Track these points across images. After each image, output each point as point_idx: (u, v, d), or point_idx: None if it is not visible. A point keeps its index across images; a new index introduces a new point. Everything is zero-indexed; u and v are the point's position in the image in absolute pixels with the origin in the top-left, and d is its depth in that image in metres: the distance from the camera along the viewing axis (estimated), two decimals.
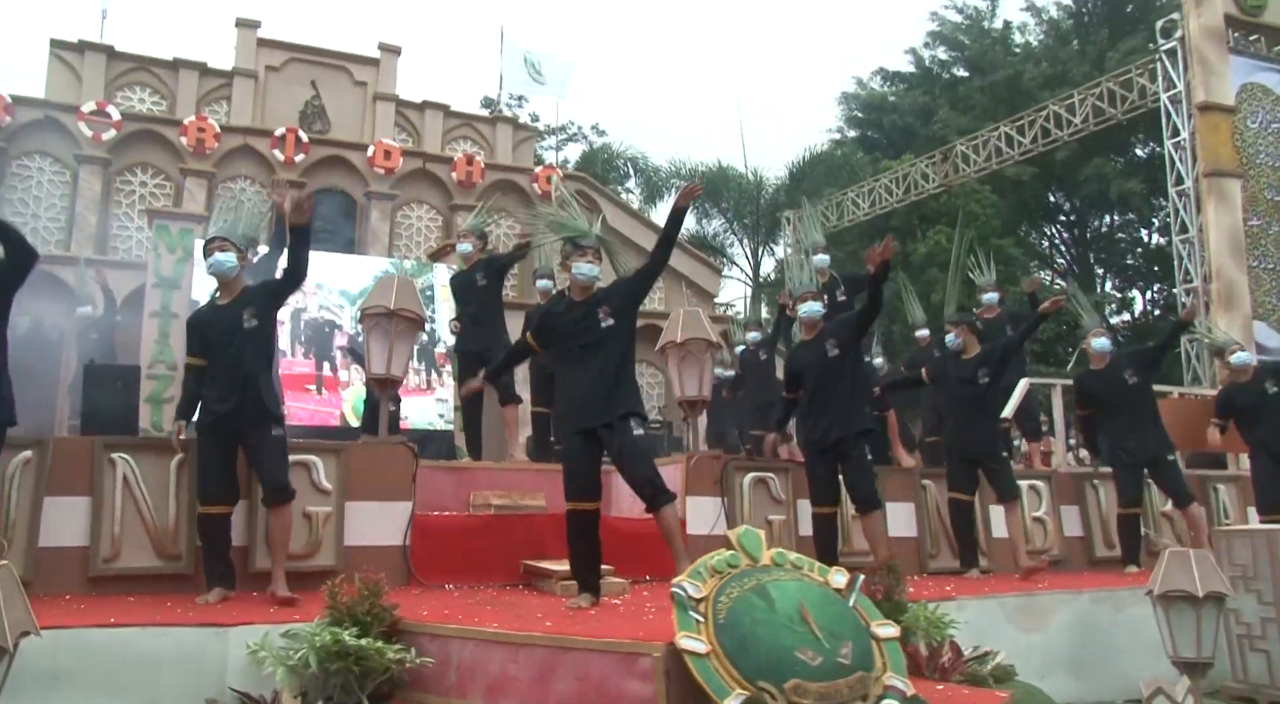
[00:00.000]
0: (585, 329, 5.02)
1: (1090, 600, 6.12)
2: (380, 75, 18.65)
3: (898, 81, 36.28)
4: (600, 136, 33.27)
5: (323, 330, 13.42)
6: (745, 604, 3.50)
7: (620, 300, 5.09)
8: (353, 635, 3.89)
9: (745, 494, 6.52)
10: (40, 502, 4.81)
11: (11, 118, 14.62)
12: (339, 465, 5.48)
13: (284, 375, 13.77)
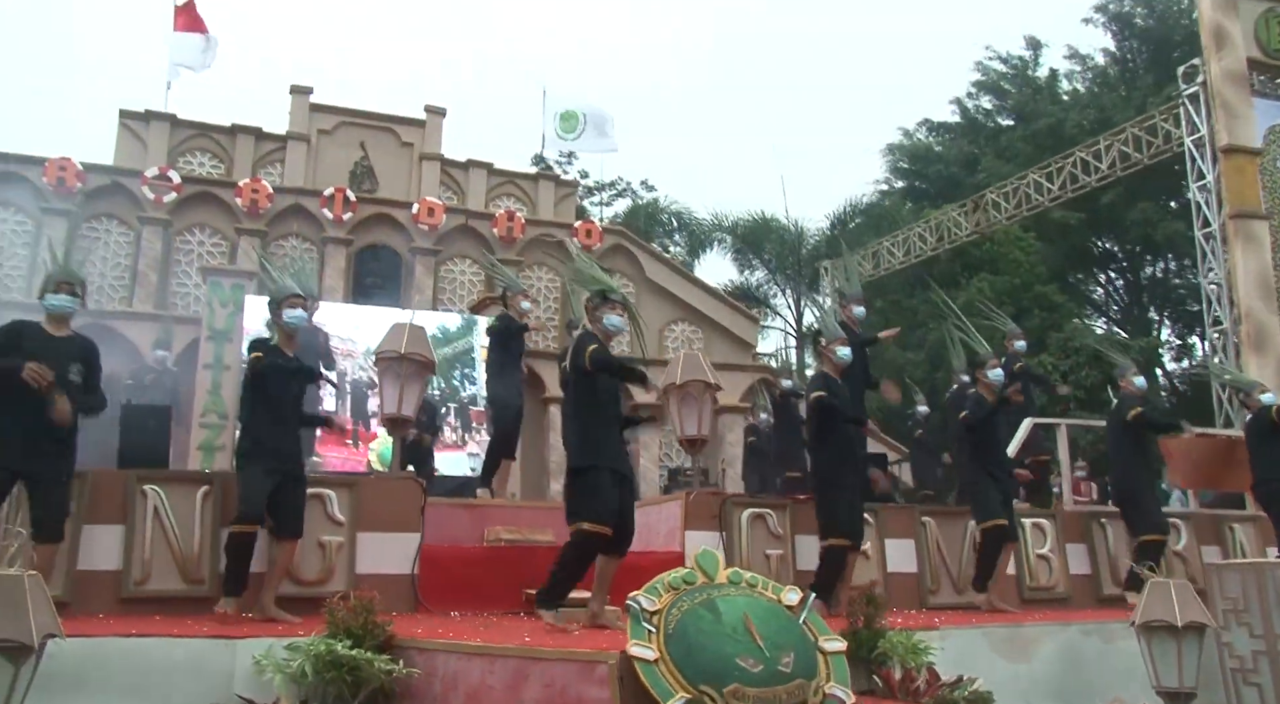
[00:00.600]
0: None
1: (1079, 632, 6.27)
2: (426, 136, 19.45)
3: (943, 132, 36.61)
4: (649, 191, 33.99)
5: (362, 390, 13.97)
6: (693, 616, 3.80)
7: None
8: (345, 647, 4.26)
9: (744, 529, 6.79)
10: (79, 528, 5.29)
11: (83, 184, 15.56)
12: (351, 498, 5.90)
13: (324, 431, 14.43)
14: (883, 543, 7.22)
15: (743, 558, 6.68)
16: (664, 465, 16.72)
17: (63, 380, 4.95)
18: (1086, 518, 8.20)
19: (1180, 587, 5.73)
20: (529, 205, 20.11)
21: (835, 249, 25.07)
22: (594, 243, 18.84)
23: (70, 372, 5.04)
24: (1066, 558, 7.90)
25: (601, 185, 34.90)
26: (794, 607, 4.10)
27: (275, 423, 5.40)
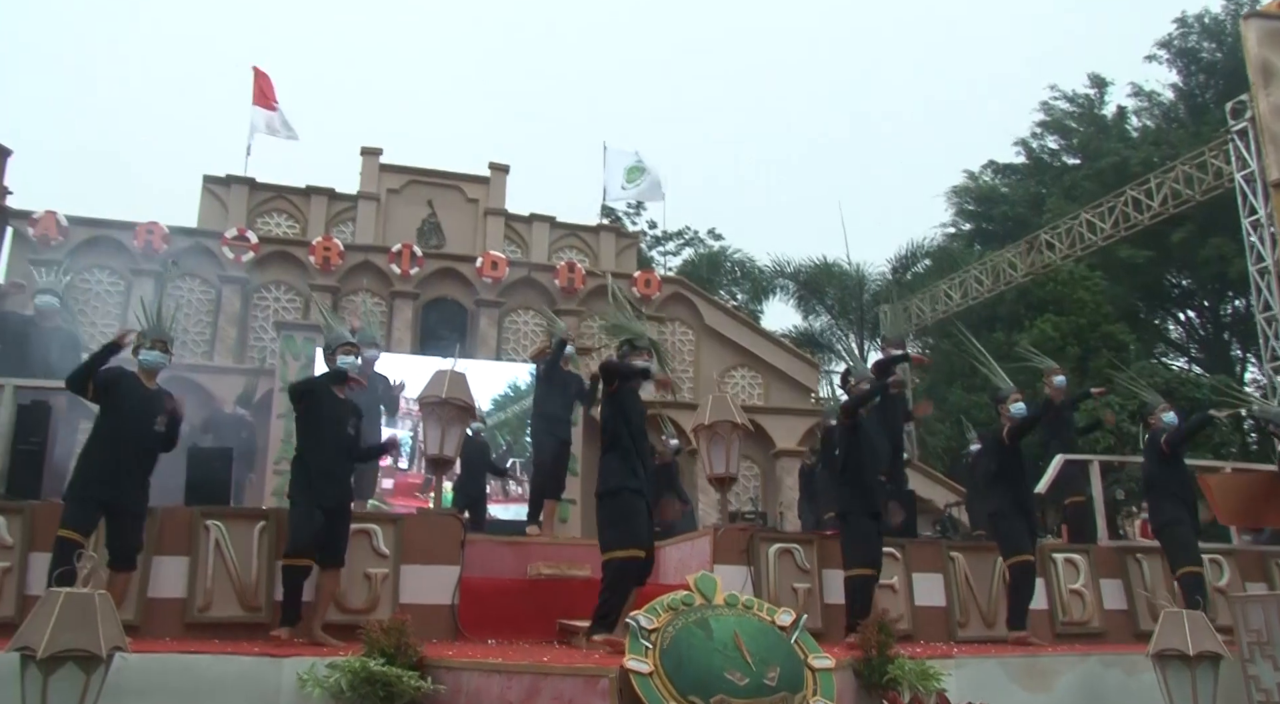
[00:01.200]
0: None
1: (1100, 663, 6.39)
2: (490, 192, 20.19)
3: (1008, 173, 36.55)
4: (716, 240, 34.48)
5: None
6: (686, 633, 4.14)
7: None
8: (379, 665, 4.67)
9: (771, 563, 7.07)
10: (150, 559, 5.82)
11: (169, 246, 16.56)
12: (395, 533, 6.35)
13: (399, 481, 14.97)
14: (910, 577, 7.42)
15: (770, 591, 6.96)
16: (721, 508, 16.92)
17: (150, 429, 5.54)
18: (1121, 553, 8.27)
19: (1194, 617, 5.86)
20: (591, 257, 20.66)
21: (897, 293, 25.23)
22: (653, 292, 19.30)
23: (155, 422, 5.62)
24: (1101, 593, 7.97)
25: (669, 235, 35.58)
26: (786, 627, 4.40)
27: (324, 461, 5.89)
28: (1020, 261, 17.62)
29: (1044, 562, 7.87)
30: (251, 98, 19.29)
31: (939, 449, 23.99)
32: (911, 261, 26.34)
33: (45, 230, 16.11)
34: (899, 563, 7.42)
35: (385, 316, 17.70)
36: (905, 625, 7.24)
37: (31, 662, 3.99)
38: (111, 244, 16.45)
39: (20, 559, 5.76)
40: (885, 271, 26.50)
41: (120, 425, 5.57)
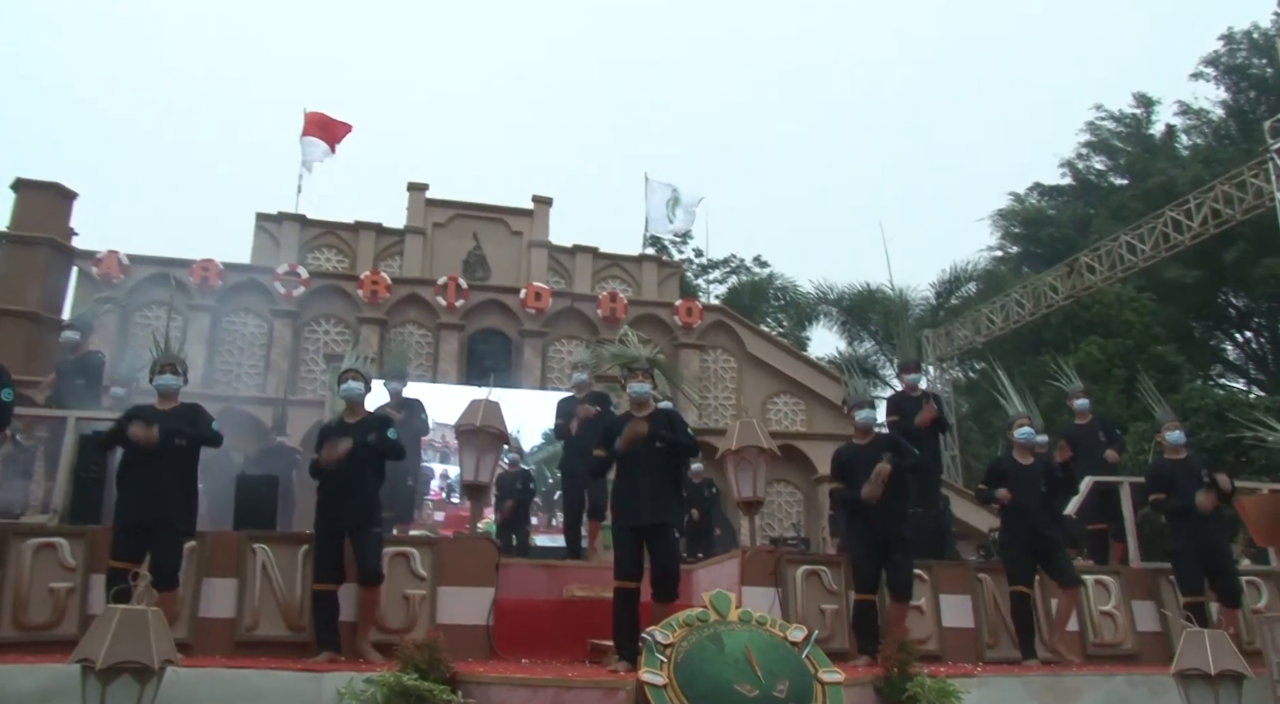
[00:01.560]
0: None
1: (1126, 683, 6.46)
2: (534, 224, 20.59)
3: (1055, 195, 36.35)
4: (763, 268, 34.68)
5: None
6: (699, 648, 4.34)
7: (665, 431, 6.11)
8: (412, 680, 4.92)
9: (799, 585, 7.23)
10: (201, 581, 6.15)
11: (223, 282, 17.17)
12: (432, 556, 6.62)
13: (450, 514, 15.26)
14: (937, 599, 7.52)
15: (798, 611, 7.10)
16: (765, 534, 17.03)
17: (169, 444, 5.87)
18: (1153, 575, 8.29)
19: (1215, 635, 5.92)
20: (634, 286, 20.97)
21: (938, 318, 25.21)
22: (694, 320, 19.56)
23: (175, 438, 5.94)
24: (1133, 614, 7.99)
25: (715, 263, 35.85)
26: (798, 643, 4.59)
27: (333, 486, 6.17)
28: (1061, 284, 17.57)
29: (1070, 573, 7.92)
30: (301, 133, 19.91)
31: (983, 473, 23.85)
32: (955, 286, 26.29)
33: (108, 269, 16.79)
34: (926, 585, 7.52)
35: (432, 348, 18.14)
36: (933, 646, 7.34)
37: (91, 672, 4.30)
38: (170, 281, 17.09)
39: (82, 580, 6.12)
40: (929, 296, 26.45)
41: (140, 454, 5.89)
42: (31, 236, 16.66)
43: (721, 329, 20.09)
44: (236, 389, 16.49)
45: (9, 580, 6.07)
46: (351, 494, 6.18)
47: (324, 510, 6.22)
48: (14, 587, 6.06)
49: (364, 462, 6.34)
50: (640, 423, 6.07)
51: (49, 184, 17.29)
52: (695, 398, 8.17)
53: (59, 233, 17.14)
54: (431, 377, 17.71)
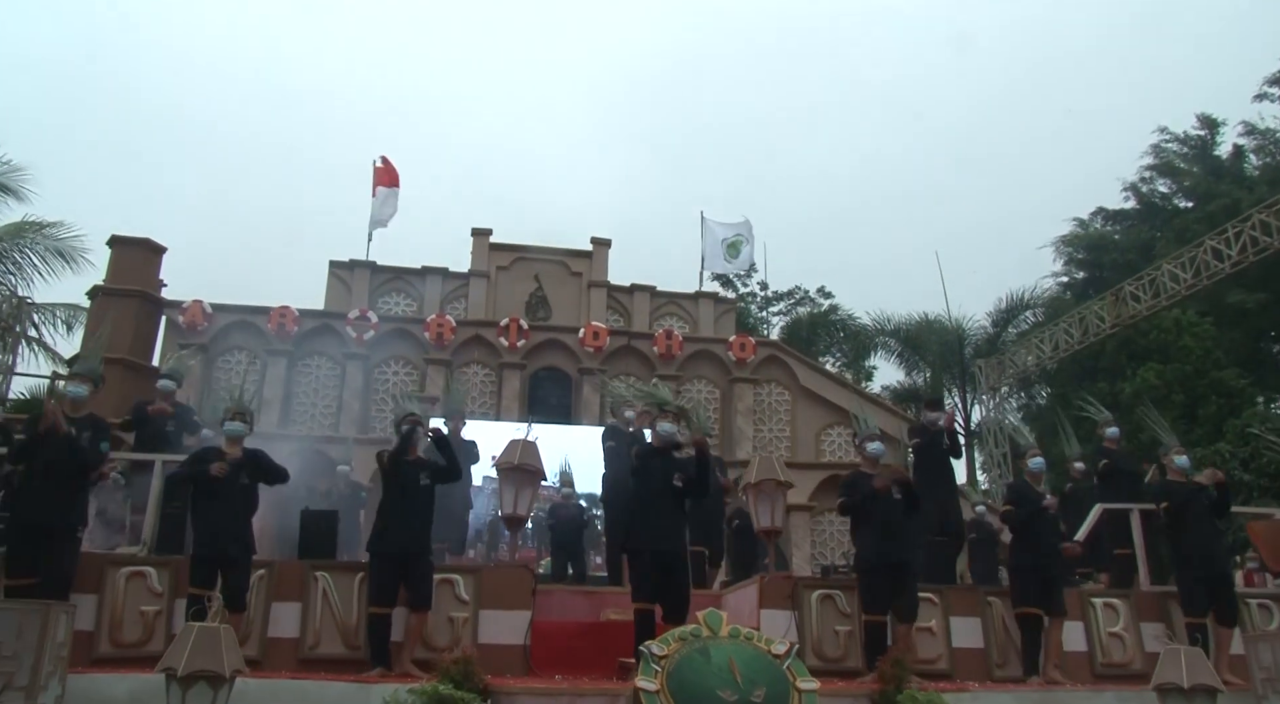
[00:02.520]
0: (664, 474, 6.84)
1: (1115, 698, 6.88)
2: (593, 265, 21.46)
3: (1119, 219, 36.14)
4: (826, 298, 35.10)
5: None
6: (689, 659, 4.97)
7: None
8: (448, 689, 5.61)
9: (814, 608, 7.77)
10: (270, 605, 6.95)
11: (298, 327, 18.29)
12: (475, 582, 7.33)
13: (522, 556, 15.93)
14: (947, 620, 7.99)
15: (813, 633, 7.66)
16: (816, 562, 17.45)
17: (233, 484, 6.69)
18: (1163, 597, 8.61)
19: (1190, 653, 6.34)
20: (691, 323, 21.67)
21: (996, 347, 25.39)
22: (748, 355, 20.11)
23: (241, 477, 6.76)
24: (1141, 636, 8.34)
25: (780, 295, 36.35)
26: (780, 655, 5.17)
27: (395, 516, 6.93)
28: (1107, 313, 17.77)
29: (1083, 606, 8.33)
30: (373, 187, 21.12)
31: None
32: (1012, 315, 26.43)
33: (193, 317, 18.03)
34: (937, 607, 8.00)
35: (495, 386, 19.01)
36: (944, 665, 7.80)
37: (173, 680, 5.08)
38: (249, 327, 18.28)
39: (168, 604, 6.97)
40: (986, 326, 26.64)
41: (210, 493, 6.73)
42: (125, 289, 18.00)
43: (775, 363, 20.61)
44: (311, 428, 17.53)
45: (106, 604, 6.95)
46: (408, 526, 6.93)
47: (390, 535, 6.95)
48: (110, 609, 6.94)
49: (419, 496, 7.11)
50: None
51: (140, 240, 18.67)
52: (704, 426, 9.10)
53: (149, 285, 18.48)
54: (495, 414, 18.55)
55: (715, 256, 23.03)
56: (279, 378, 18.02)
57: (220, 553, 6.59)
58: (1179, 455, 8.42)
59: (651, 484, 6.76)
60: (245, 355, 18.35)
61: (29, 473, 6.61)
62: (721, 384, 20.25)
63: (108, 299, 18.01)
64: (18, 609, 5.28)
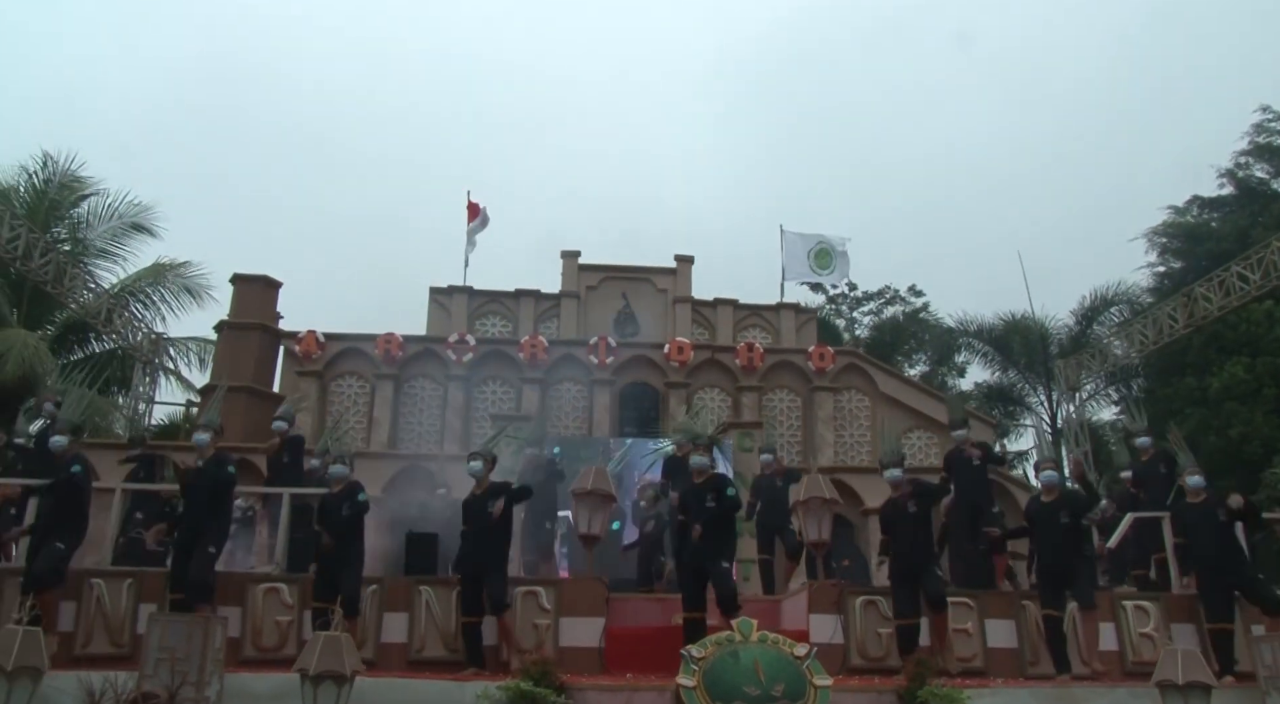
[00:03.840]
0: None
1: (1128, 694, 7.60)
2: (677, 281, 22.50)
3: (1216, 206, 35.47)
4: (918, 297, 35.41)
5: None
6: (721, 660, 5.98)
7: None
8: (529, 686, 6.72)
9: (858, 613, 8.66)
10: (381, 615, 8.19)
11: (403, 352, 19.79)
12: (556, 593, 8.45)
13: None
14: (983, 623, 8.79)
15: (858, 634, 8.56)
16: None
17: (336, 521, 7.97)
18: (1192, 600, 9.22)
19: (1186, 653, 7.06)
20: (773, 333, 22.53)
21: (1078, 344, 25.52)
22: (827, 365, 20.86)
23: (343, 508, 8.05)
24: (1172, 636, 8.97)
25: (870, 295, 36.80)
26: (801, 656, 6.13)
27: (468, 540, 8.09)
28: (1179, 314, 17.99)
29: (1114, 608, 9.02)
30: (467, 219, 22.56)
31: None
32: (1095, 312, 26.49)
33: (308, 347, 19.67)
34: (973, 611, 8.81)
35: (587, 402, 20.17)
36: (979, 663, 8.61)
37: (306, 679, 6.30)
38: (359, 354, 19.86)
39: (298, 614, 8.26)
40: (1070, 324, 26.78)
41: (324, 523, 8.01)
42: (247, 323, 19.76)
43: (854, 371, 21.30)
44: (417, 447, 18.98)
45: (248, 615, 8.28)
46: (479, 547, 8.10)
47: (461, 556, 8.15)
48: (251, 619, 8.26)
49: (487, 521, 8.28)
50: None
51: (259, 277, 20.42)
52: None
53: (268, 318, 20.22)
54: (586, 430, 19.75)
55: (798, 267, 23.69)
56: (387, 400, 19.53)
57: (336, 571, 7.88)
58: (1191, 476, 9.00)
59: (688, 509, 7.82)
60: (356, 380, 19.92)
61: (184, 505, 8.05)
62: (803, 393, 21.03)
63: (232, 332, 19.80)
64: (186, 621, 6.60)
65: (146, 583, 8.34)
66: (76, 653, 7.92)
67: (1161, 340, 18.61)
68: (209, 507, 7.93)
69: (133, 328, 20.47)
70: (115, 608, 8.21)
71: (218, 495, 8.03)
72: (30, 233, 16.37)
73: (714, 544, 7.81)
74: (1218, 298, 16.95)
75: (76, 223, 22.89)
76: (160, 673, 6.35)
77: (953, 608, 8.68)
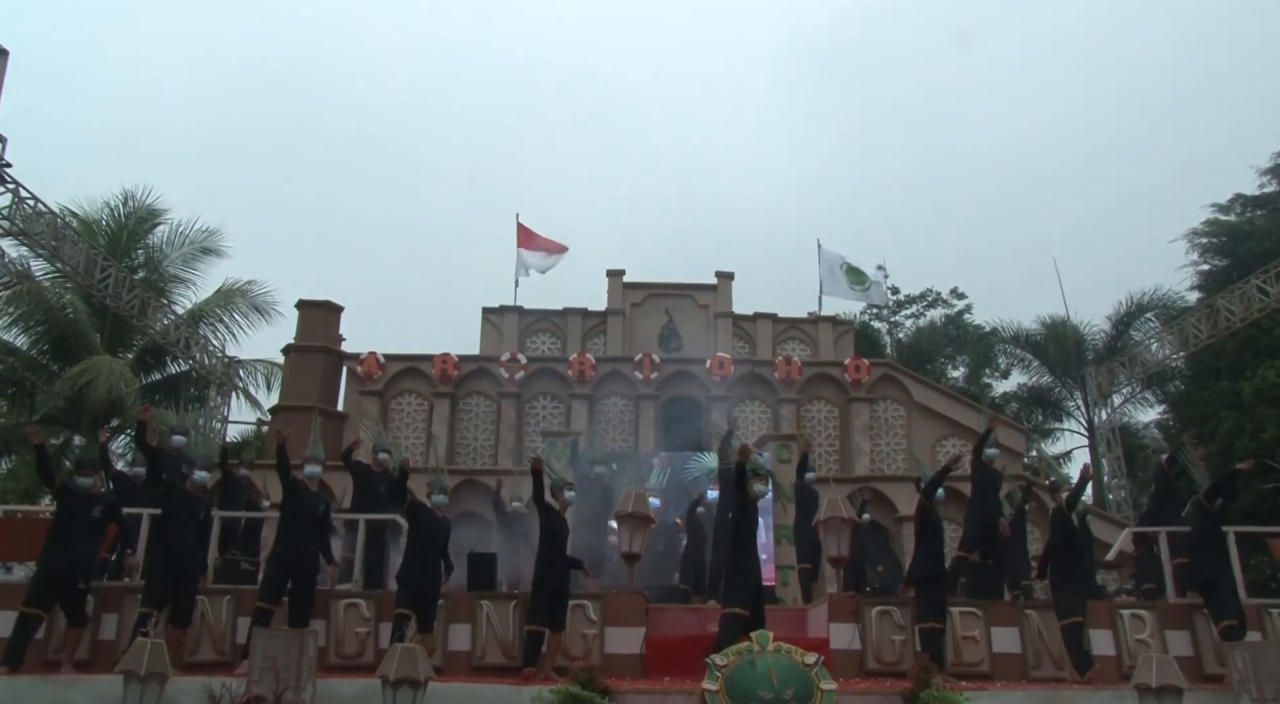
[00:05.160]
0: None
1: (1113, 697, 8.45)
2: (718, 297, 23.44)
3: (1261, 204, 35.52)
4: (960, 299, 35.85)
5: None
6: (739, 668, 6.95)
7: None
8: (577, 690, 7.76)
9: (874, 621, 9.59)
10: (448, 626, 9.29)
11: (458, 371, 20.97)
12: (601, 606, 9.49)
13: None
14: (989, 630, 9.67)
15: (873, 641, 9.49)
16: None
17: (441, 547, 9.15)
18: (1189, 609, 10.02)
19: (1161, 658, 7.91)
20: (811, 346, 23.39)
21: (1113, 349, 26.04)
22: (862, 376, 21.67)
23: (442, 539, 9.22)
24: (1167, 642, 9.78)
25: (912, 298, 37.40)
26: (810, 664, 7.09)
27: (541, 558, 9.12)
28: (1204, 326, 18.56)
29: (1112, 617, 9.85)
30: (516, 241, 23.67)
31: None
32: (1130, 319, 26.95)
33: (369, 368, 20.94)
34: (979, 619, 9.69)
35: (633, 416, 21.19)
36: (985, 668, 9.50)
37: (386, 684, 7.39)
38: (416, 373, 21.10)
39: (374, 626, 9.38)
40: (1105, 329, 27.28)
41: (424, 540, 9.12)
42: (311, 346, 21.08)
43: (889, 381, 22.10)
44: (473, 462, 20.17)
45: (331, 627, 9.41)
46: (552, 564, 9.14)
47: (540, 573, 9.17)
48: (334, 631, 9.40)
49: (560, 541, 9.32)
50: None
51: (322, 302, 21.75)
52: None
53: (331, 341, 21.53)
54: (634, 443, 20.78)
55: (833, 282, 24.45)
56: (444, 417, 20.74)
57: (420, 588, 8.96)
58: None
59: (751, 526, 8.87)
60: (415, 398, 21.15)
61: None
62: (839, 403, 21.88)
63: (298, 355, 21.14)
64: (284, 634, 7.74)
65: (242, 599, 9.51)
66: (186, 660, 9.10)
67: (1187, 349, 19.16)
68: (321, 533, 9.21)
69: (207, 352, 21.89)
70: (218, 621, 9.40)
71: (325, 522, 9.34)
72: (119, 272, 17.78)
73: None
74: (1239, 310, 17.50)
75: (151, 252, 24.41)
76: (265, 679, 7.48)
77: (961, 616, 9.61)
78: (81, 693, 7.89)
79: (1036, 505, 16.10)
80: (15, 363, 21.75)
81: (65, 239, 16.08)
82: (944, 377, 31.72)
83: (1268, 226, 33.78)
